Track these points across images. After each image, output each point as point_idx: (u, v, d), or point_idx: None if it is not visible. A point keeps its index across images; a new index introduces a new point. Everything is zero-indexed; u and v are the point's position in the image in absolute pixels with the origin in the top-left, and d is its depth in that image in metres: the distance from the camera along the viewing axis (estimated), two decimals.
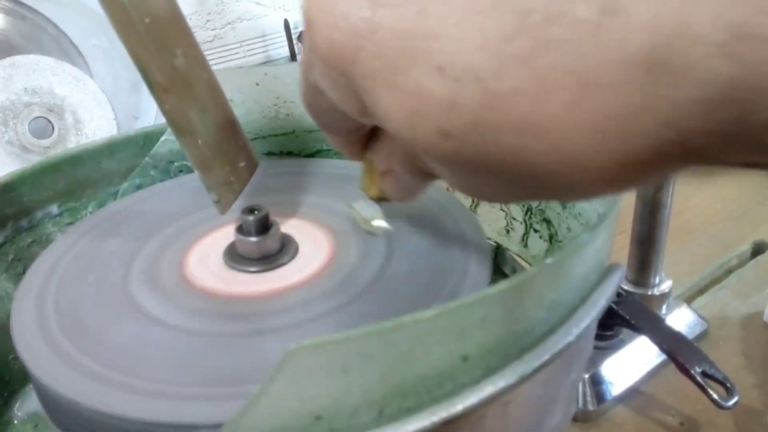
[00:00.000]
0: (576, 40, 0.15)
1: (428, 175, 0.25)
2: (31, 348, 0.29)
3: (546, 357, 0.21)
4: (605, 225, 0.24)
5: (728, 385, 0.39)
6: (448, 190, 0.40)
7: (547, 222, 0.38)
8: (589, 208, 0.33)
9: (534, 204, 0.39)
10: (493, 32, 0.16)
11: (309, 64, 0.21)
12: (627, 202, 0.42)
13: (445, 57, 0.16)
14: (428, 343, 0.19)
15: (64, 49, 0.81)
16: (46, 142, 0.77)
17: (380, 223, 0.31)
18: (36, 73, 0.77)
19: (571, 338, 0.22)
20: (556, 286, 0.22)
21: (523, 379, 0.21)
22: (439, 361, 0.20)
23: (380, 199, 0.29)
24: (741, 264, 0.60)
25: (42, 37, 0.81)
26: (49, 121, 0.77)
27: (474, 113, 0.16)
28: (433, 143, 0.18)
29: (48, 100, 0.77)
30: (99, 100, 0.79)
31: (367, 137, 0.27)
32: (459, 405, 0.20)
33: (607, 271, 0.26)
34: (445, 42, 0.16)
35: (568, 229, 0.36)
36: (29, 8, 0.79)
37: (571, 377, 0.26)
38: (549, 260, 0.21)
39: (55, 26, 0.81)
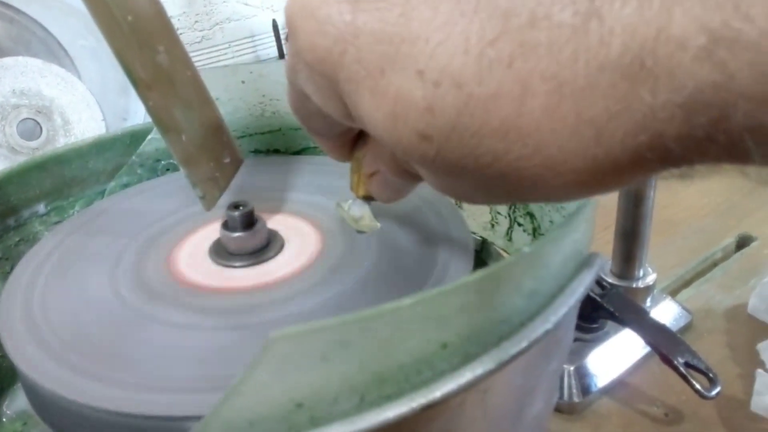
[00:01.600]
0: (555, 44, 0.15)
1: (413, 177, 0.25)
2: (18, 345, 0.29)
3: (524, 344, 0.22)
4: (583, 215, 0.25)
5: (711, 375, 0.40)
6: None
7: (531, 215, 0.38)
8: (569, 203, 0.33)
9: None
10: (477, 36, 0.16)
11: (293, 68, 0.21)
12: (611, 196, 0.43)
13: (425, 61, 0.17)
14: (407, 330, 0.20)
15: (52, 50, 0.81)
16: (34, 143, 0.77)
17: (369, 222, 0.32)
18: (24, 75, 0.77)
19: (549, 326, 0.23)
20: (534, 274, 0.23)
21: (501, 366, 0.21)
22: (418, 348, 0.20)
23: (368, 198, 0.29)
24: (726, 257, 0.60)
25: (30, 38, 0.80)
26: (38, 123, 0.77)
27: (453, 117, 0.17)
28: (413, 146, 0.18)
29: (36, 102, 0.77)
30: (87, 101, 0.79)
31: (354, 140, 0.28)
32: (437, 391, 0.20)
33: (585, 261, 0.26)
34: (425, 46, 0.17)
35: (551, 221, 0.36)
36: (16, 10, 0.79)
37: (551, 366, 0.26)
38: (526, 249, 0.22)
39: (43, 28, 0.81)
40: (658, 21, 0.14)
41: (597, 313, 0.44)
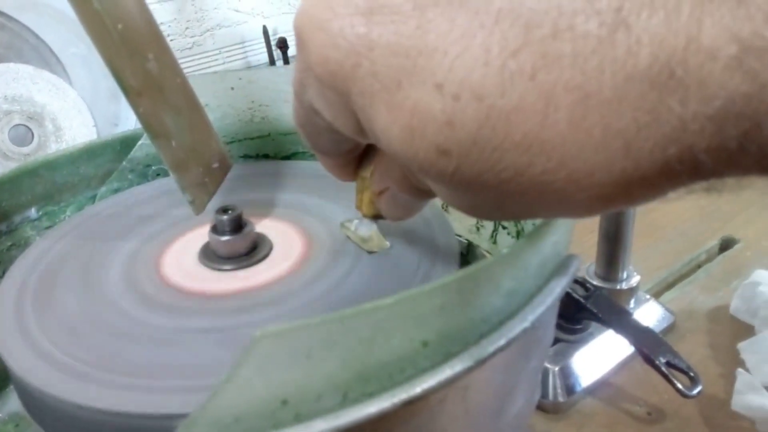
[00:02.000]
0: (580, 55, 0.15)
1: (424, 193, 0.25)
2: (11, 348, 0.29)
3: (502, 342, 0.22)
4: (557, 221, 0.25)
5: (692, 374, 0.40)
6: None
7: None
8: None
9: None
10: (498, 47, 0.16)
11: (302, 84, 0.21)
12: None
13: (444, 74, 0.16)
14: (389, 329, 0.20)
15: (44, 57, 0.82)
16: (26, 149, 0.78)
17: (378, 241, 0.32)
18: (16, 82, 0.77)
19: (527, 324, 0.23)
20: (512, 275, 0.23)
21: (480, 363, 0.22)
22: (399, 346, 0.21)
23: (375, 217, 0.29)
24: (709, 259, 0.61)
25: (22, 45, 0.81)
26: (29, 129, 0.78)
27: (474, 130, 0.16)
28: (431, 161, 0.18)
29: (28, 108, 0.78)
30: (78, 107, 0.80)
31: (359, 158, 0.27)
32: (418, 388, 0.21)
33: (564, 262, 0.27)
34: (443, 59, 0.16)
35: (534, 225, 0.37)
36: (9, 17, 0.80)
37: (531, 364, 0.27)
38: (505, 250, 0.22)
39: (35, 35, 0.81)
40: (687, 31, 0.14)
41: (581, 315, 0.45)
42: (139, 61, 0.28)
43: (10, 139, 0.77)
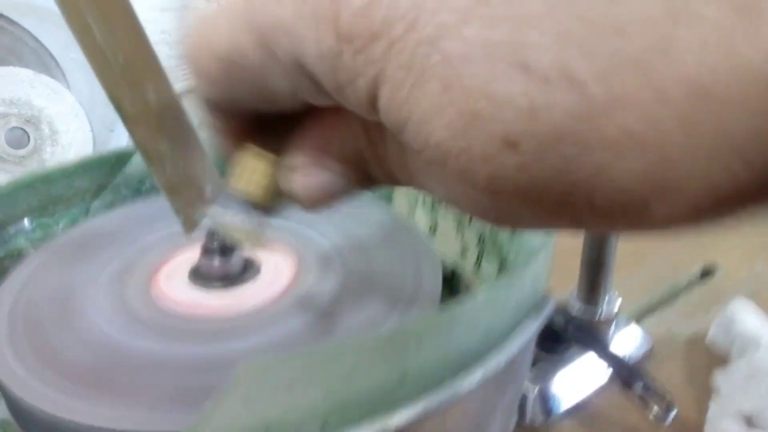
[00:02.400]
0: (702, 44, 0.12)
1: (369, 182, 0.22)
2: (2, 361, 0.30)
3: (477, 379, 0.24)
4: (538, 260, 0.26)
5: (667, 401, 0.42)
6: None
7: (498, 247, 0.40)
8: (533, 237, 0.35)
9: (486, 230, 0.41)
10: (601, 25, 0.13)
11: (295, 34, 0.17)
12: None
13: (534, 53, 0.14)
14: (368, 364, 0.21)
15: (44, 61, 0.82)
16: (21, 152, 0.78)
17: (260, 235, 0.25)
18: (14, 85, 0.78)
19: (502, 363, 0.24)
20: (490, 314, 0.24)
21: (455, 400, 0.23)
22: (378, 381, 0.22)
23: (264, 206, 0.24)
24: (690, 286, 0.62)
25: (22, 49, 0.82)
26: (26, 132, 0.79)
27: (557, 120, 0.14)
28: (486, 156, 0.15)
29: (25, 111, 0.78)
30: (76, 112, 0.81)
31: (254, 124, 0.23)
32: (394, 420, 0.22)
33: (539, 302, 0.28)
34: (535, 35, 0.14)
35: (517, 253, 0.38)
36: (10, 21, 0.80)
37: (506, 397, 0.28)
38: (483, 292, 0.23)
39: (35, 39, 0.82)
40: None
41: (558, 345, 0.46)
42: (138, 92, 0.29)
43: (6, 141, 0.77)
